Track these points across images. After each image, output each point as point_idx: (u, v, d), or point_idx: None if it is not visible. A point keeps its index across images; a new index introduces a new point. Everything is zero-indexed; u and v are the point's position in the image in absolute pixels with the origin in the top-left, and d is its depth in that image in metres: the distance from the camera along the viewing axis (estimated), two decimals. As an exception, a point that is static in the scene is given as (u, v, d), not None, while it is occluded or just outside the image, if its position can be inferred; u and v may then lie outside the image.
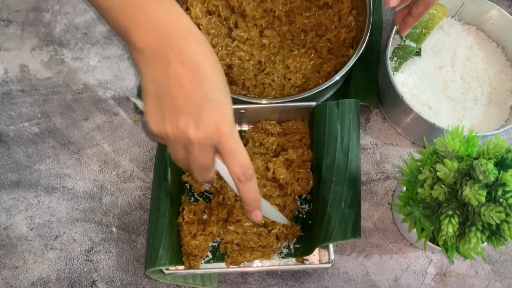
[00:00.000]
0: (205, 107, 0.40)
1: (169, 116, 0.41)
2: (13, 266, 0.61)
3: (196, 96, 0.40)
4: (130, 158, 0.66)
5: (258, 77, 0.65)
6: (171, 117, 0.40)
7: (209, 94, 0.41)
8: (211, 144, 0.42)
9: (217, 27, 0.67)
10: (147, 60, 0.41)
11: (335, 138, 0.58)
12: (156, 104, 0.41)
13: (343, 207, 0.55)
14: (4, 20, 0.73)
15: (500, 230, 0.44)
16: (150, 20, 0.41)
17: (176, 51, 0.40)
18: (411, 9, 0.58)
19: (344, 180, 0.56)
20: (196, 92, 0.40)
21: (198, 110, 0.40)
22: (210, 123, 0.40)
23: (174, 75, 0.40)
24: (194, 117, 0.40)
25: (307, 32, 0.67)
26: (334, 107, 0.59)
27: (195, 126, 0.40)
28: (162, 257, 0.55)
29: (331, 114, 0.59)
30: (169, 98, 0.40)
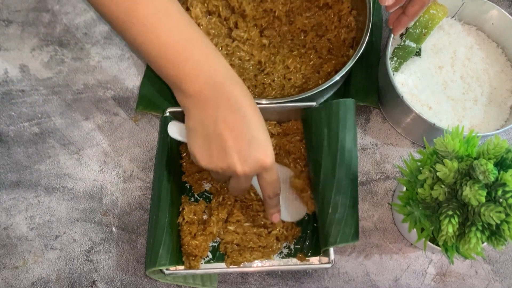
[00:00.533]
0: (251, 147, 0.46)
1: (219, 155, 0.46)
2: (13, 266, 0.61)
3: (243, 138, 0.46)
4: (130, 158, 0.66)
5: (258, 77, 0.65)
6: (221, 156, 0.46)
7: (254, 135, 0.46)
8: (255, 174, 0.49)
9: (217, 27, 0.67)
10: (197, 105, 0.46)
11: (321, 142, 0.57)
12: (207, 144, 0.47)
13: (330, 212, 0.55)
14: (4, 20, 0.73)
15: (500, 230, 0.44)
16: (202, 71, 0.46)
17: (224, 98, 0.46)
18: (406, 8, 0.58)
19: (333, 185, 0.55)
20: (243, 134, 0.46)
21: (246, 150, 0.46)
22: (256, 160, 0.47)
23: (223, 120, 0.45)
24: (242, 156, 0.46)
25: (307, 32, 0.67)
26: (320, 111, 0.58)
27: (243, 164, 0.46)
28: (162, 257, 0.55)
29: (317, 118, 0.58)
30: (218, 140, 0.46)
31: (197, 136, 0.47)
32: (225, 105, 0.46)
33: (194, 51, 0.46)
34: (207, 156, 0.47)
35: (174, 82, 0.47)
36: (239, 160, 0.46)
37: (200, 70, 0.46)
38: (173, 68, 0.46)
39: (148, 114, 0.68)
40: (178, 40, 0.46)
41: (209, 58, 0.47)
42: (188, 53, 0.46)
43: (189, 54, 0.46)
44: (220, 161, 0.46)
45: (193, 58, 0.46)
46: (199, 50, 0.47)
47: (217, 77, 0.46)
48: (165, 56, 0.46)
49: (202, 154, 0.47)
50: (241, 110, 0.46)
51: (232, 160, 0.46)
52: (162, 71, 0.47)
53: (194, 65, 0.46)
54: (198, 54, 0.46)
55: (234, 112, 0.46)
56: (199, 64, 0.46)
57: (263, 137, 0.47)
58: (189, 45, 0.46)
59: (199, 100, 0.46)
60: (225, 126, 0.46)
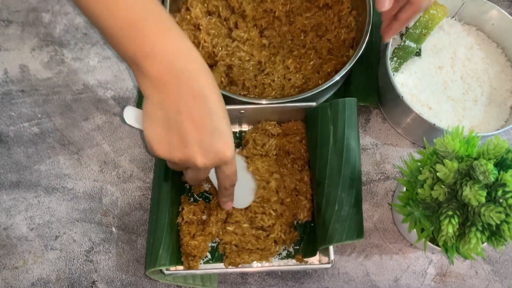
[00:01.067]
0: (213, 138, 0.44)
1: (179, 145, 0.44)
2: (13, 266, 0.61)
3: (205, 129, 0.43)
4: (130, 159, 0.66)
5: (258, 77, 0.65)
6: (181, 146, 0.44)
7: (217, 126, 0.44)
8: (213, 166, 0.46)
9: (217, 27, 0.67)
10: (158, 88, 0.43)
11: (327, 140, 0.58)
12: (165, 132, 0.44)
13: (336, 209, 0.55)
14: (4, 20, 0.73)
15: (500, 231, 0.44)
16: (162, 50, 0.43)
17: (187, 84, 0.43)
18: (397, 14, 0.58)
19: (339, 182, 0.56)
20: (206, 125, 0.43)
21: (207, 141, 0.44)
22: (216, 151, 0.44)
23: (186, 108, 0.43)
24: (202, 147, 0.44)
25: (307, 33, 0.67)
26: (326, 109, 0.59)
27: (203, 155, 0.44)
28: (162, 257, 0.55)
29: (323, 116, 0.59)
30: (179, 128, 0.43)
31: (155, 122, 0.44)
32: (188, 93, 0.43)
33: (158, 29, 0.42)
34: (165, 145, 0.44)
35: (134, 62, 0.43)
36: (200, 152, 0.44)
37: (164, 50, 0.42)
38: (132, 46, 0.42)
39: (148, 114, 0.68)
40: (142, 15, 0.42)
41: (171, 38, 0.43)
42: (148, 30, 0.42)
43: (149, 32, 0.42)
44: (179, 152, 0.44)
45: (153, 36, 0.42)
46: (160, 28, 0.43)
47: (180, 60, 0.43)
48: (124, 33, 0.42)
49: (159, 143, 0.44)
50: (204, 99, 0.43)
51: (192, 152, 0.43)
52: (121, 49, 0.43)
53: (157, 44, 0.42)
54: (159, 32, 0.43)
55: (197, 100, 0.43)
56: (162, 43, 0.42)
57: (225, 129, 0.45)
58: (149, 22, 0.42)
59: (160, 84, 0.42)
60: (187, 115, 0.43)
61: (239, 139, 0.66)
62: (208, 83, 0.44)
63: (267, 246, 0.58)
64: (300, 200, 0.60)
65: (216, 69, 0.64)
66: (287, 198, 0.60)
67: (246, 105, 0.60)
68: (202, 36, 0.65)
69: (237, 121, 0.64)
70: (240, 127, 0.66)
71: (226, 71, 0.65)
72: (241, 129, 0.66)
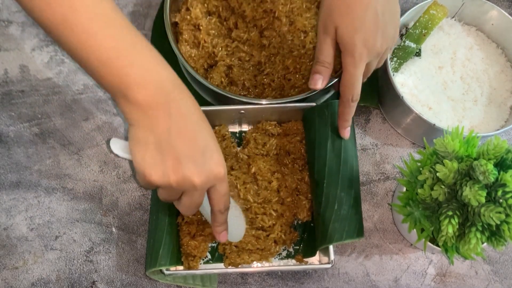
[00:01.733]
0: (205, 155, 0.44)
1: (174, 166, 0.43)
2: (13, 266, 0.61)
3: (197, 146, 0.44)
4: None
5: (258, 77, 0.65)
6: (175, 167, 0.43)
7: (207, 143, 0.45)
8: (210, 186, 0.46)
9: (217, 27, 0.67)
10: (146, 112, 0.43)
11: (325, 140, 0.58)
12: (158, 155, 0.43)
13: (336, 208, 0.55)
14: (4, 21, 0.73)
15: (500, 231, 0.45)
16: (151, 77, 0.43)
17: (175, 106, 0.43)
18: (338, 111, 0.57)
19: (337, 181, 0.56)
20: (197, 143, 0.44)
21: (201, 158, 0.44)
22: (211, 169, 0.44)
23: (176, 128, 0.43)
24: (197, 165, 0.44)
25: (307, 33, 0.67)
26: (323, 109, 0.59)
27: (199, 173, 0.44)
28: (162, 258, 0.55)
29: (320, 116, 0.59)
30: (171, 149, 0.43)
31: (147, 148, 0.43)
32: (177, 114, 0.43)
33: (140, 56, 0.43)
34: (159, 169, 0.43)
35: (120, 91, 0.43)
36: (195, 170, 0.43)
37: (148, 76, 0.43)
38: (117, 75, 0.42)
39: (148, 115, 0.68)
40: (121, 45, 0.42)
41: (157, 65, 0.44)
42: (133, 58, 0.43)
43: (134, 59, 0.43)
44: (175, 173, 0.43)
45: (139, 63, 0.43)
46: (145, 55, 0.43)
47: (167, 85, 0.43)
48: (108, 63, 0.42)
49: (153, 168, 0.43)
50: (193, 118, 0.45)
51: (188, 171, 0.43)
52: (105, 80, 0.43)
53: (141, 72, 0.42)
54: (144, 59, 0.43)
55: (187, 120, 0.44)
56: (146, 71, 0.43)
57: (216, 146, 0.46)
58: (133, 50, 0.43)
59: (149, 109, 0.42)
60: (178, 135, 0.43)
61: (239, 139, 0.66)
62: (193, 103, 0.45)
63: (267, 246, 0.58)
64: (301, 200, 0.60)
65: (216, 69, 0.64)
66: (288, 198, 0.60)
67: (246, 105, 0.60)
68: (202, 36, 0.65)
69: (237, 121, 0.64)
70: (240, 127, 0.66)
71: (226, 71, 0.65)
72: (241, 129, 0.66)
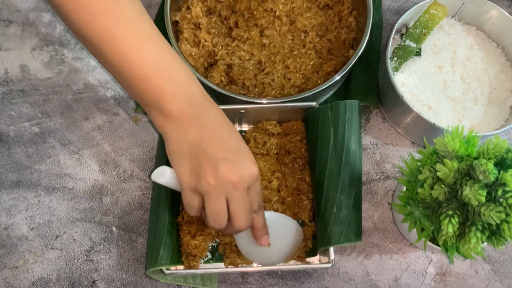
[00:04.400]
0: (239, 154, 0.47)
1: (209, 167, 0.45)
2: (14, 266, 0.61)
3: (229, 148, 0.46)
4: (130, 158, 0.66)
5: (258, 76, 0.65)
6: (212, 168, 0.45)
7: (238, 145, 0.47)
8: (248, 185, 0.47)
9: (217, 26, 0.67)
10: (180, 124, 0.46)
11: (327, 142, 0.58)
12: (194, 162, 0.46)
13: (335, 211, 0.55)
14: (4, 20, 0.73)
15: (500, 230, 0.45)
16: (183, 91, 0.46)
17: (205, 116, 0.47)
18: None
19: (338, 184, 0.56)
20: (229, 144, 0.47)
21: (235, 157, 0.46)
22: (246, 167, 0.46)
23: (208, 134, 0.46)
24: (233, 163, 0.45)
25: (307, 33, 0.67)
26: (327, 111, 0.59)
27: (236, 170, 0.45)
28: (163, 257, 0.55)
29: (323, 117, 0.59)
30: (206, 154, 0.45)
31: (183, 157, 0.46)
32: (207, 122, 0.46)
33: (176, 72, 0.46)
34: (199, 174, 0.45)
35: (155, 104, 0.46)
36: (231, 169, 0.45)
37: (182, 90, 0.46)
38: (154, 89, 0.45)
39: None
40: (160, 61, 0.45)
41: (189, 80, 0.47)
42: (170, 74, 0.46)
43: (171, 75, 0.46)
44: (213, 175, 0.45)
45: (174, 79, 0.46)
46: (180, 71, 0.47)
47: (197, 98, 0.47)
48: (147, 77, 0.45)
49: (192, 175, 0.46)
50: (221, 124, 0.48)
51: (225, 171, 0.45)
52: (142, 93, 0.46)
53: (176, 86, 0.46)
54: (179, 75, 0.46)
55: (216, 126, 0.47)
56: (180, 85, 0.46)
57: (246, 147, 0.48)
58: (170, 66, 0.46)
59: (181, 119, 0.46)
60: (210, 140, 0.46)
61: (239, 138, 0.66)
62: (221, 114, 0.48)
63: (267, 246, 0.58)
64: (302, 200, 0.60)
65: (216, 68, 0.64)
66: (289, 197, 0.60)
67: (246, 105, 0.60)
68: (203, 35, 0.65)
69: (237, 120, 0.64)
70: (240, 126, 0.66)
71: (226, 70, 0.65)
72: (241, 129, 0.66)
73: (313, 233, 0.59)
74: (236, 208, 0.47)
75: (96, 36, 0.44)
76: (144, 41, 0.45)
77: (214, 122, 0.47)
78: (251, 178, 0.47)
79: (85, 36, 0.44)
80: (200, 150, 0.45)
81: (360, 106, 0.60)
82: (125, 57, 0.44)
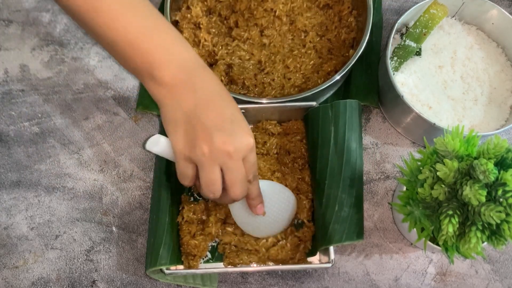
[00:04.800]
0: (235, 124, 0.45)
1: (204, 137, 0.44)
2: (13, 265, 0.61)
3: (225, 116, 0.45)
4: (130, 158, 0.66)
5: (258, 76, 0.65)
6: (206, 137, 0.44)
7: (234, 114, 0.46)
8: (243, 156, 0.46)
9: (217, 26, 0.67)
10: (173, 91, 0.45)
11: (328, 141, 0.58)
12: (189, 130, 0.45)
13: (336, 210, 0.55)
14: (4, 20, 0.73)
15: (500, 230, 0.45)
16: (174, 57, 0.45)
17: (199, 82, 0.45)
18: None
19: (339, 183, 0.56)
20: (224, 113, 0.45)
21: (230, 127, 0.45)
22: (242, 137, 0.45)
23: (203, 101, 0.45)
24: (228, 133, 0.44)
25: (307, 32, 0.67)
26: (327, 110, 0.59)
27: (231, 141, 0.44)
28: (163, 257, 0.55)
29: (324, 117, 0.59)
30: (200, 121, 0.44)
31: (177, 125, 0.45)
32: (202, 88, 0.45)
33: (164, 37, 0.45)
34: (193, 142, 0.44)
35: (146, 71, 0.45)
36: (226, 138, 0.44)
37: (173, 56, 0.45)
38: (144, 55, 0.44)
39: (148, 114, 0.68)
40: (146, 27, 0.45)
41: (180, 45, 0.46)
42: (158, 39, 0.45)
43: (159, 41, 0.45)
44: (207, 144, 0.44)
45: (163, 44, 0.45)
46: (168, 36, 0.46)
47: (190, 63, 0.46)
48: (134, 45, 0.44)
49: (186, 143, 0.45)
50: (218, 92, 0.46)
51: (219, 140, 0.44)
52: (132, 61, 0.45)
53: (166, 51, 0.45)
54: (168, 40, 0.45)
55: (212, 94, 0.45)
56: (170, 50, 0.45)
57: (242, 117, 0.47)
58: (157, 31, 0.45)
59: (175, 86, 0.45)
60: (205, 107, 0.44)
61: (239, 138, 0.66)
62: (216, 80, 0.47)
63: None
64: (301, 200, 0.60)
65: (216, 68, 0.64)
66: None
67: (246, 104, 0.60)
68: (203, 35, 0.65)
69: (237, 120, 0.64)
70: (240, 126, 0.66)
71: (226, 70, 0.65)
72: (241, 129, 0.66)
73: (312, 233, 0.59)
74: (231, 178, 0.47)
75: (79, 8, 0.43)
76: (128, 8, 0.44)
77: (210, 89, 0.46)
78: (246, 149, 0.46)
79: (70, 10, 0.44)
80: (195, 118, 0.44)
81: (361, 105, 0.60)
82: (109, 25, 0.44)
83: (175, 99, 0.45)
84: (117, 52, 0.45)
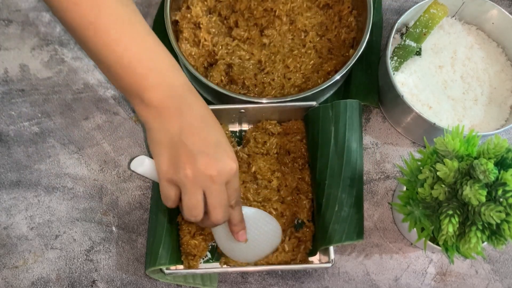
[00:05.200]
0: (219, 148, 0.46)
1: (188, 160, 0.44)
2: (13, 265, 0.61)
3: (209, 141, 0.46)
4: (130, 158, 0.65)
5: (258, 76, 0.65)
6: (190, 160, 0.44)
7: (219, 139, 0.47)
8: (226, 180, 0.46)
9: (217, 26, 0.67)
10: (160, 114, 0.45)
11: (328, 140, 0.58)
12: (173, 153, 0.45)
13: (336, 210, 0.55)
14: (4, 20, 0.73)
15: (500, 230, 0.45)
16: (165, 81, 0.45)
17: (187, 106, 0.46)
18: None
19: (339, 182, 0.56)
20: (209, 138, 0.46)
21: (214, 151, 0.45)
22: (225, 162, 0.46)
23: (188, 126, 0.45)
24: (212, 157, 0.45)
25: (307, 32, 0.67)
26: (328, 110, 0.59)
27: (214, 165, 0.45)
28: (162, 257, 0.55)
29: (324, 116, 0.59)
30: (185, 145, 0.45)
31: (162, 147, 0.46)
32: (188, 113, 0.46)
33: (158, 61, 0.46)
34: (177, 165, 0.45)
35: (136, 93, 0.45)
36: (210, 162, 0.45)
37: (164, 80, 0.45)
38: (136, 77, 0.45)
39: (148, 114, 0.68)
40: (142, 49, 0.45)
41: (172, 69, 0.46)
42: (151, 63, 0.45)
43: (153, 64, 0.45)
44: (190, 167, 0.44)
45: (156, 68, 0.45)
46: (162, 60, 0.46)
47: (180, 88, 0.46)
48: (127, 66, 0.44)
49: (170, 165, 0.45)
50: (204, 117, 0.47)
51: (202, 163, 0.44)
52: (123, 82, 0.45)
53: (158, 75, 0.45)
54: (161, 64, 0.46)
55: (198, 119, 0.46)
56: (163, 74, 0.45)
57: (227, 142, 0.47)
58: (152, 55, 0.46)
59: (163, 109, 0.45)
60: (191, 132, 0.45)
61: (240, 138, 0.66)
62: (204, 106, 0.48)
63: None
64: (301, 200, 0.60)
65: (216, 68, 0.64)
66: (288, 196, 0.60)
67: (246, 104, 0.60)
68: (203, 34, 0.65)
69: (237, 120, 0.64)
70: (240, 126, 0.66)
71: (226, 70, 0.65)
72: (241, 128, 0.66)
73: (312, 233, 0.59)
74: (213, 202, 0.47)
75: (77, 24, 0.43)
76: (127, 30, 0.44)
77: (196, 115, 0.46)
78: (229, 174, 0.46)
79: (67, 24, 0.44)
80: (180, 142, 0.45)
81: (361, 105, 0.60)
82: (107, 46, 0.44)
83: (162, 122, 0.45)
84: (109, 71, 0.46)
